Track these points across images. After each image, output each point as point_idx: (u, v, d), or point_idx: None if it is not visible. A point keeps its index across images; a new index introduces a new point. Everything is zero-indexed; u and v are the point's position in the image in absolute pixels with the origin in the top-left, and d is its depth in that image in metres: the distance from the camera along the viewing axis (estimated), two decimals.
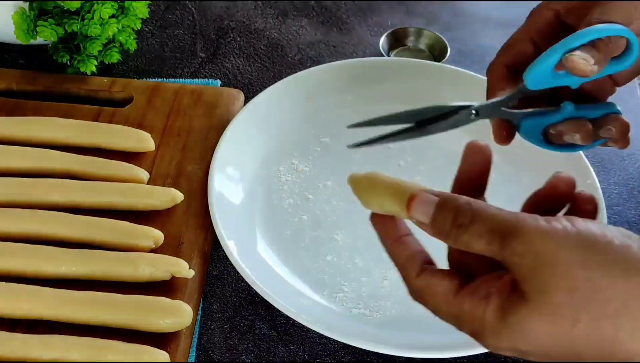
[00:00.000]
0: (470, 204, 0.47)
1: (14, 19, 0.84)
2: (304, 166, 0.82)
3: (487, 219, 0.45)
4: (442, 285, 0.48)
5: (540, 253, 0.43)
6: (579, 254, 0.42)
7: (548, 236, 0.43)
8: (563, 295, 0.42)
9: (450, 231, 0.47)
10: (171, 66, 0.93)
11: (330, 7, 1.01)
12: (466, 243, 0.46)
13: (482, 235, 0.45)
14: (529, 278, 0.43)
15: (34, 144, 0.78)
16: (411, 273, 0.50)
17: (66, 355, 0.62)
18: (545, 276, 0.43)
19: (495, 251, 0.45)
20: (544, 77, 0.56)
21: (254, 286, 0.69)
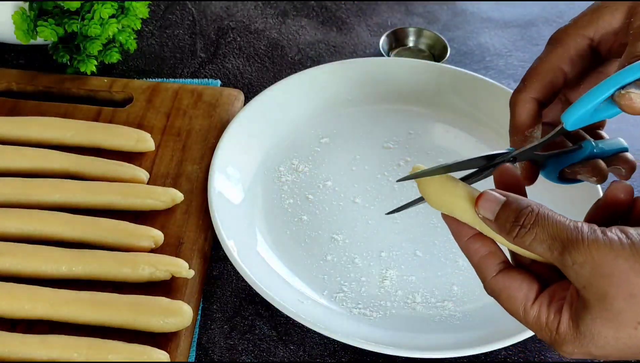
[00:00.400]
0: (532, 207, 0.49)
1: (14, 19, 0.84)
2: (304, 166, 0.82)
3: (549, 226, 0.48)
4: (520, 291, 0.51)
5: (598, 263, 0.46)
6: (634, 262, 0.46)
7: (605, 247, 0.46)
8: (622, 302, 0.46)
9: (512, 230, 0.49)
10: (171, 66, 0.93)
11: (330, 7, 1.01)
12: (528, 244, 0.49)
13: (544, 240, 0.48)
14: (588, 287, 0.47)
15: (34, 144, 0.78)
16: (488, 273, 0.52)
17: (66, 355, 0.62)
18: (604, 285, 0.46)
19: (555, 258, 0.48)
20: (585, 118, 0.54)
21: (254, 286, 0.69)
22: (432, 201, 0.55)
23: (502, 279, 0.52)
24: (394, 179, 0.81)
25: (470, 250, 0.53)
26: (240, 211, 0.77)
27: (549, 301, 0.50)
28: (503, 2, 1.05)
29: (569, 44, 0.60)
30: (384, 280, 0.73)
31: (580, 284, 0.47)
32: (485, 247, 0.53)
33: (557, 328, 0.49)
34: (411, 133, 0.86)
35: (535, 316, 0.50)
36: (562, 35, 0.61)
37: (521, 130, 0.61)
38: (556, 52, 0.61)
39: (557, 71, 0.61)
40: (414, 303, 0.72)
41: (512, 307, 0.51)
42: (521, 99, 0.61)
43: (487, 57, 0.97)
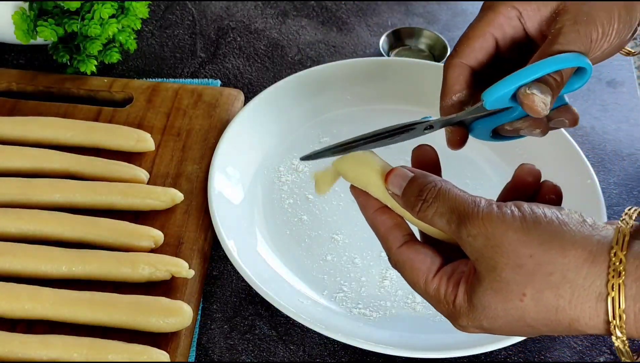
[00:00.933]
0: (436, 183, 0.51)
1: (14, 19, 0.84)
2: (304, 166, 0.82)
3: (449, 200, 0.50)
4: (423, 263, 0.52)
5: (490, 235, 0.48)
6: (523, 234, 0.47)
7: (498, 220, 0.48)
8: (510, 272, 0.47)
9: (416, 204, 0.51)
10: (171, 66, 0.93)
11: (330, 7, 1.01)
12: (430, 219, 0.51)
13: (443, 214, 0.50)
14: (480, 258, 0.48)
15: (34, 144, 0.78)
16: (393, 244, 0.54)
17: (66, 355, 0.62)
18: (494, 255, 0.48)
19: (453, 231, 0.50)
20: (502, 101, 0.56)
21: (254, 286, 0.69)
22: (347, 176, 0.56)
23: (407, 251, 0.53)
24: None
25: (376, 222, 0.55)
26: (240, 211, 0.77)
27: (449, 275, 0.51)
28: None
29: (499, 11, 0.60)
30: (383, 280, 0.73)
31: (474, 256, 0.49)
32: (391, 219, 0.54)
33: (454, 301, 0.50)
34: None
35: (435, 289, 0.51)
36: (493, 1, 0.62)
37: (449, 94, 0.62)
38: (487, 18, 0.61)
39: (486, 36, 0.61)
40: (414, 303, 0.72)
41: (414, 279, 0.52)
42: (452, 64, 0.62)
43: None
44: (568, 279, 0.46)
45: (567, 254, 0.46)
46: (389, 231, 0.54)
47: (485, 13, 0.62)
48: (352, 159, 0.56)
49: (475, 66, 0.61)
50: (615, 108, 0.90)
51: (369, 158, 0.56)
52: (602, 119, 0.89)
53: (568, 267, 0.46)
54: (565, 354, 0.69)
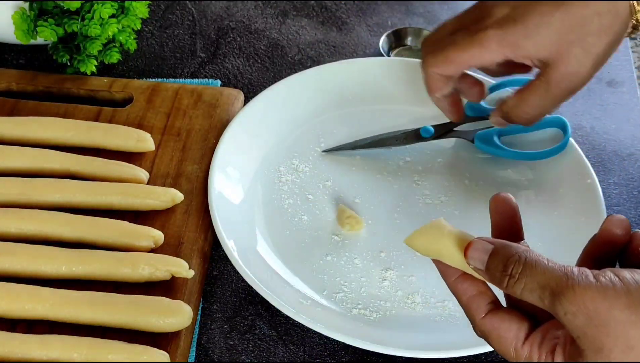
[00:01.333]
0: (520, 255, 0.48)
1: (14, 19, 0.84)
2: (304, 166, 0.82)
3: (537, 274, 0.47)
4: (510, 331, 0.50)
5: (593, 313, 0.45)
6: (631, 313, 0.44)
7: (598, 294, 0.45)
8: (620, 354, 0.45)
9: (502, 280, 0.49)
10: (171, 66, 0.93)
11: (330, 7, 1.01)
12: (520, 295, 0.48)
13: (533, 290, 0.47)
14: (583, 337, 0.45)
15: (34, 144, 0.78)
16: (477, 314, 0.52)
17: (66, 355, 0.62)
18: (601, 336, 0.45)
19: (548, 306, 0.47)
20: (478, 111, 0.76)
21: (254, 286, 0.69)
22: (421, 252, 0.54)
23: (491, 320, 0.51)
24: (394, 179, 0.81)
25: (458, 290, 0.53)
26: (240, 211, 0.77)
27: (540, 341, 0.49)
28: None
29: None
30: (383, 280, 0.73)
31: (575, 334, 0.46)
32: (473, 287, 0.52)
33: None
34: None
35: (527, 357, 0.49)
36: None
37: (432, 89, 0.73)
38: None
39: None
40: (414, 303, 0.72)
41: (503, 348, 0.50)
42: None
43: None
44: None
45: None
46: (472, 301, 0.52)
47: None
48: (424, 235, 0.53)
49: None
50: (615, 108, 0.90)
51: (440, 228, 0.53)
52: (602, 119, 0.89)
53: None
54: None
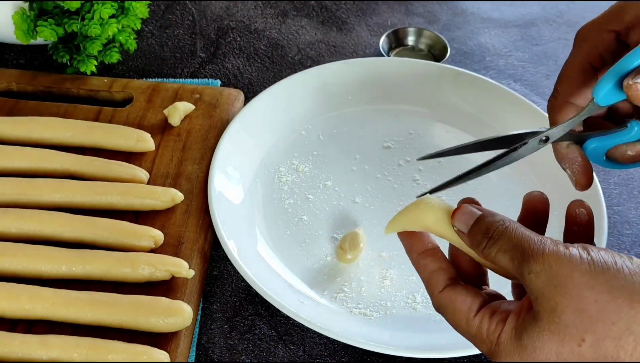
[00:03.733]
0: (503, 222, 0.50)
1: (14, 19, 0.84)
2: (304, 167, 0.82)
3: (515, 237, 0.49)
4: (464, 304, 0.51)
5: (555, 275, 0.46)
6: (590, 278, 0.46)
7: (564, 260, 0.46)
8: (571, 315, 0.46)
9: (481, 242, 0.50)
10: (171, 66, 0.93)
11: (330, 7, 1.01)
12: (493, 257, 0.50)
13: (507, 250, 0.49)
14: (541, 297, 0.46)
15: (34, 144, 0.78)
16: (435, 288, 0.53)
17: (66, 355, 0.62)
18: (556, 296, 0.46)
19: (515, 268, 0.48)
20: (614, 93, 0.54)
21: (254, 286, 0.69)
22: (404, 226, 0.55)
23: (448, 293, 0.52)
24: (394, 179, 0.81)
25: (421, 265, 0.54)
26: (240, 211, 0.77)
27: (491, 312, 0.50)
28: (503, 2, 1.05)
29: (595, 40, 0.59)
30: (384, 280, 0.73)
31: (534, 295, 0.47)
32: (435, 263, 0.54)
33: (498, 338, 0.49)
34: (411, 133, 0.86)
35: (477, 327, 0.50)
36: (587, 32, 0.60)
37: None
38: (584, 51, 0.59)
39: (587, 70, 0.59)
40: (415, 303, 0.72)
41: (456, 320, 0.52)
42: (557, 105, 0.59)
43: (487, 57, 0.97)
44: (632, 331, 0.45)
45: (634, 306, 0.45)
46: (431, 275, 0.53)
47: (580, 47, 0.59)
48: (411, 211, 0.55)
49: (579, 101, 0.59)
50: None
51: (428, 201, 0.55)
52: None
53: (635, 320, 0.45)
54: None
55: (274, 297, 0.68)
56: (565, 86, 0.59)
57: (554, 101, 0.60)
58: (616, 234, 0.79)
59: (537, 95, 0.92)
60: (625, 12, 0.58)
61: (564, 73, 0.60)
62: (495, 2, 1.05)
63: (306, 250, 0.75)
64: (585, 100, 0.59)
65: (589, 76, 0.59)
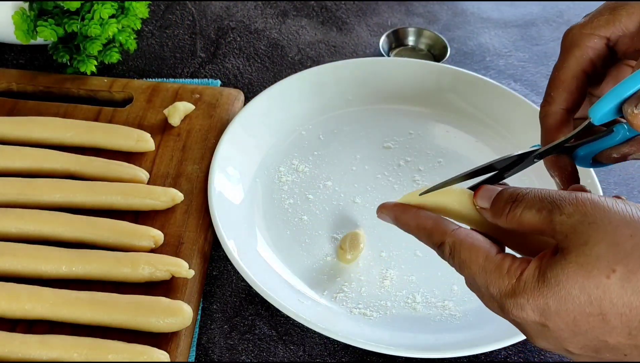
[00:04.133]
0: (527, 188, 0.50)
1: (14, 19, 0.84)
2: (304, 167, 0.82)
3: (541, 193, 0.49)
4: (484, 242, 0.51)
5: (589, 213, 0.46)
6: (625, 216, 0.46)
7: (599, 202, 0.47)
8: (604, 247, 0.45)
9: (504, 208, 0.50)
10: (171, 66, 0.93)
11: (330, 7, 1.01)
12: (519, 216, 0.49)
13: (533, 205, 0.49)
14: (572, 233, 0.46)
15: (34, 144, 0.78)
16: (448, 227, 0.52)
17: (66, 355, 0.62)
18: (589, 230, 0.46)
19: (544, 217, 0.48)
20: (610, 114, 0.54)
21: (254, 286, 0.69)
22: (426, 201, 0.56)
23: (464, 231, 0.52)
24: (394, 179, 0.81)
25: (421, 218, 0.54)
26: (240, 211, 0.77)
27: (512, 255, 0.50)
28: (503, 2, 1.05)
29: (586, 46, 0.58)
30: (384, 279, 0.73)
31: (564, 233, 0.47)
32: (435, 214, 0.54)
33: (521, 274, 0.48)
34: (411, 133, 0.86)
35: (498, 263, 0.49)
36: (577, 36, 0.59)
37: (552, 137, 0.59)
38: (574, 56, 0.59)
39: (580, 76, 0.59)
40: (415, 303, 0.72)
41: (472, 256, 0.50)
42: (550, 112, 0.59)
43: (487, 57, 0.97)
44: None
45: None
46: (439, 220, 0.53)
47: (570, 51, 0.59)
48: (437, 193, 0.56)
49: (572, 107, 0.59)
50: None
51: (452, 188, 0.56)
52: None
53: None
54: None
55: (274, 297, 0.68)
56: (559, 92, 0.59)
57: (548, 108, 0.60)
58: None
59: (537, 95, 0.92)
60: (615, 19, 0.58)
61: (556, 78, 0.59)
62: (495, 2, 1.05)
63: (306, 250, 0.75)
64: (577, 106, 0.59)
65: (581, 82, 0.59)
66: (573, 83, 0.59)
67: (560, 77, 0.59)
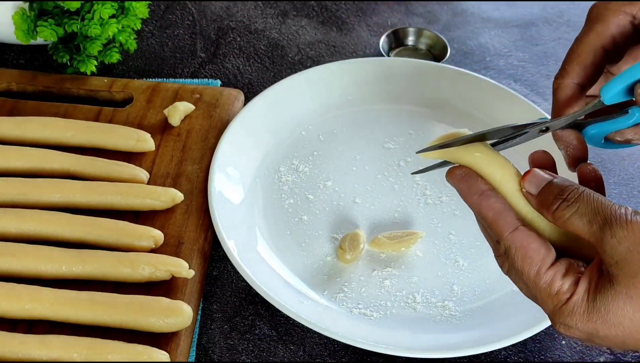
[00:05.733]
0: (579, 186, 0.50)
1: (14, 19, 0.84)
2: (304, 167, 0.82)
3: (593, 202, 0.49)
4: (538, 252, 0.50)
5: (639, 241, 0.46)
6: None
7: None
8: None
9: (554, 203, 0.49)
10: (171, 66, 0.93)
11: (330, 7, 1.01)
12: (567, 218, 0.49)
13: (585, 214, 0.48)
14: (622, 262, 0.46)
15: (34, 144, 0.78)
16: (504, 228, 0.51)
17: (66, 355, 0.62)
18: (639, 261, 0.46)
19: (594, 232, 0.48)
20: (622, 94, 0.54)
21: (254, 286, 0.69)
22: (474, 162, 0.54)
23: (521, 235, 0.50)
24: (394, 179, 0.81)
25: (483, 207, 0.52)
26: (240, 211, 0.77)
27: (564, 270, 0.49)
28: (503, 2, 1.05)
29: (609, 21, 0.57)
30: (384, 280, 0.73)
31: (614, 259, 0.47)
32: (499, 203, 0.52)
33: (569, 298, 0.48)
34: (411, 133, 0.86)
35: (548, 282, 0.49)
36: (602, 10, 0.58)
37: (562, 110, 0.58)
38: (596, 30, 0.57)
39: (598, 51, 0.57)
40: (415, 303, 0.72)
41: (525, 267, 0.50)
42: (563, 85, 0.58)
43: (487, 57, 0.97)
44: None
45: None
46: (500, 215, 0.51)
47: (593, 25, 0.57)
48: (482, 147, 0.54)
49: (586, 83, 0.57)
50: None
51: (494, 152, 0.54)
52: None
53: None
54: (565, 354, 0.69)
55: (274, 297, 0.68)
56: (574, 66, 0.57)
57: (560, 81, 0.58)
58: None
59: (537, 95, 0.92)
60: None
61: (573, 52, 0.58)
62: (495, 2, 1.05)
63: (306, 250, 0.75)
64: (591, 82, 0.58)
65: (598, 57, 0.57)
66: (589, 58, 0.57)
67: (577, 51, 0.58)
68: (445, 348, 0.67)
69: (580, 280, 0.49)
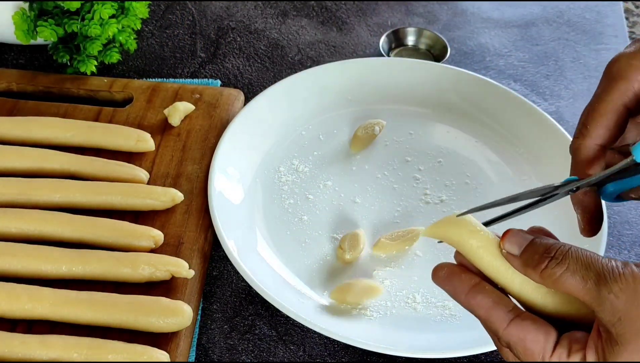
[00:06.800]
0: (564, 244, 0.48)
1: (14, 19, 0.84)
2: (304, 167, 0.82)
3: (582, 258, 0.47)
4: (537, 342, 0.48)
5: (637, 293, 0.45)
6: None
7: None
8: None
9: (541, 262, 0.47)
10: (171, 66, 0.93)
11: (330, 7, 1.01)
12: (557, 277, 0.47)
13: (576, 271, 0.46)
14: (624, 318, 0.45)
15: (34, 144, 0.78)
16: (499, 325, 0.49)
17: (66, 355, 0.62)
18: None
19: (589, 289, 0.46)
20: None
21: (254, 286, 0.69)
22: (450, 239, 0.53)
23: (516, 330, 0.49)
24: (394, 179, 0.81)
25: (473, 305, 0.51)
26: (240, 211, 0.77)
27: (568, 349, 0.48)
28: (503, 2, 1.05)
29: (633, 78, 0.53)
30: (384, 279, 0.73)
31: (615, 316, 0.45)
32: (487, 298, 0.50)
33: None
34: (411, 133, 0.86)
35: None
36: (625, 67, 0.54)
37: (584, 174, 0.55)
38: (618, 89, 0.54)
39: (621, 111, 0.54)
40: (415, 303, 0.72)
41: (528, 360, 0.48)
42: (584, 145, 0.55)
43: (487, 57, 0.97)
44: None
45: None
46: (489, 312, 0.50)
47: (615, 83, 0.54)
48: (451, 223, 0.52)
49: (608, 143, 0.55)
50: None
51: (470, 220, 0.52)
52: None
53: None
54: None
55: (274, 297, 0.68)
56: (596, 127, 0.54)
57: (582, 141, 0.55)
58: (616, 234, 0.79)
59: (537, 95, 0.92)
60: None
61: (595, 111, 0.54)
62: (495, 2, 1.05)
63: (306, 250, 0.75)
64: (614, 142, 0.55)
65: (622, 118, 0.54)
66: (613, 118, 0.54)
67: (600, 110, 0.54)
68: (445, 348, 0.67)
69: (586, 354, 0.47)
